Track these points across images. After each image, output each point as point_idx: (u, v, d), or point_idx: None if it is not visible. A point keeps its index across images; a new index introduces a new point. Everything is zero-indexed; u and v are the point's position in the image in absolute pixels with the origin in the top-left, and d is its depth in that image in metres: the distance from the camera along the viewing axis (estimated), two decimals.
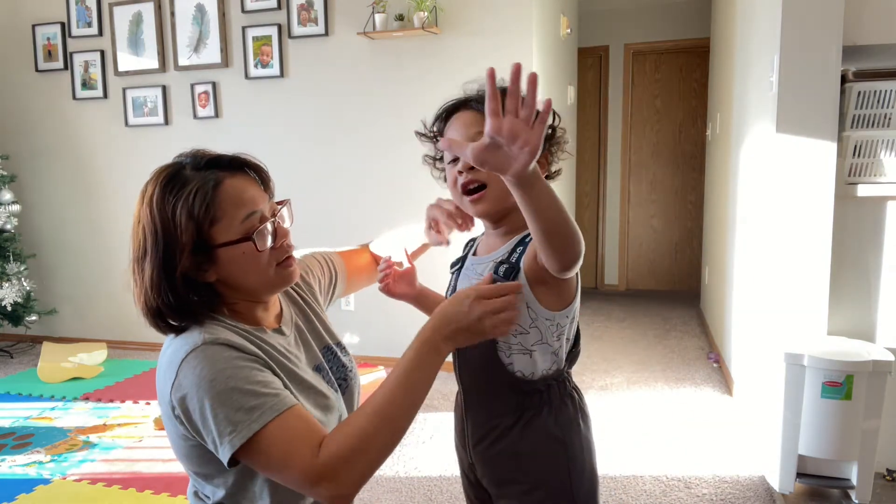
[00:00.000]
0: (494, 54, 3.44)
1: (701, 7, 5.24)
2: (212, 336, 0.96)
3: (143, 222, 0.99)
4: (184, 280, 0.98)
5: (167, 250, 0.96)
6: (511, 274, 1.06)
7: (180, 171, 1.02)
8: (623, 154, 5.69)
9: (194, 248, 0.97)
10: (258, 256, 1.01)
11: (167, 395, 0.96)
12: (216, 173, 1.01)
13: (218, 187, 0.99)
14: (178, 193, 0.98)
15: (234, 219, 1.00)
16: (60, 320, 4.46)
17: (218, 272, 1.01)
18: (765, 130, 2.43)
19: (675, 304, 5.23)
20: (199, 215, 0.97)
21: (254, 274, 1.02)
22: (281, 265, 1.05)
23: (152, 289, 0.98)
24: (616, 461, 2.56)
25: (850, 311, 2.29)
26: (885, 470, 2.29)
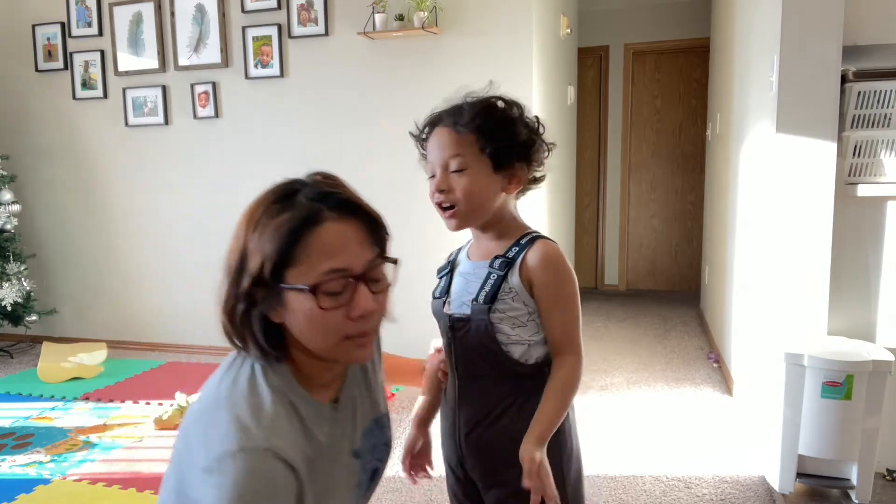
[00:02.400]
0: (494, 54, 3.44)
1: (701, 7, 5.24)
2: (277, 444, 0.83)
3: (238, 235, 0.90)
4: (250, 307, 0.88)
5: (238, 273, 0.88)
6: (506, 266, 1.15)
7: (293, 194, 0.89)
8: (623, 154, 5.69)
9: (258, 282, 0.86)
10: (322, 318, 0.86)
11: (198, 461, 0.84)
12: (322, 211, 0.87)
13: (311, 228, 0.86)
14: (272, 219, 0.87)
15: (315, 269, 0.85)
16: (60, 320, 4.46)
17: (285, 317, 0.89)
18: (765, 130, 2.43)
19: (675, 304, 5.23)
20: (273, 251, 0.85)
21: (316, 335, 0.89)
22: (350, 340, 0.89)
23: (224, 306, 0.90)
24: (616, 461, 2.56)
25: (850, 311, 2.29)
26: (885, 470, 2.29)
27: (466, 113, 1.13)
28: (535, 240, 1.17)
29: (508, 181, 1.15)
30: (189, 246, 4.12)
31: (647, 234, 5.75)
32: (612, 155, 5.73)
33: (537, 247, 1.15)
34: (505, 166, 1.13)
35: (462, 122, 1.13)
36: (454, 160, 1.13)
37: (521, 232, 1.19)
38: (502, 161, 1.13)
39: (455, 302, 1.21)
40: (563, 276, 1.15)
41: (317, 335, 0.88)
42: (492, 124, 1.13)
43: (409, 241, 3.65)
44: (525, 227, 1.21)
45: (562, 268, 1.15)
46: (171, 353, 4.19)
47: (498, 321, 1.15)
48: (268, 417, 0.85)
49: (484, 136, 1.12)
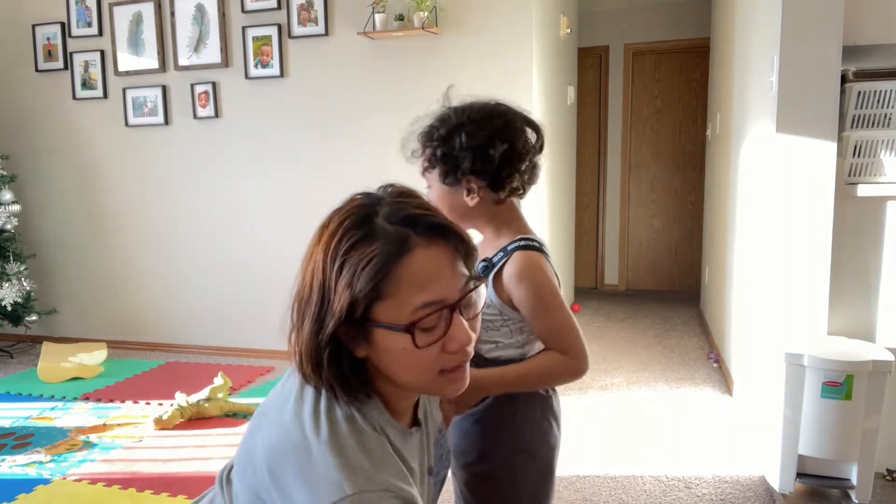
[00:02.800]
0: (494, 54, 3.44)
1: (701, 7, 5.24)
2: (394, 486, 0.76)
3: (314, 266, 0.81)
4: (336, 347, 0.81)
5: (321, 310, 0.79)
6: (486, 271, 1.18)
7: (371, 217, 0.80)
8: (623, 154, 5.69)
9: (346, 318, 0.78)
10: (417, 356, 0.80)
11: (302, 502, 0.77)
12: (410, 237, 0.79)
13: (401, 259, 0.78)
14: (354, 250, 0.78)
15: (407, 304, 0.78)
16: (60, 320, 4.46)
17: (371, 353, 0.82)
18: (765, 130, 2.43)
19: (675, 304, 5.23)
20: (360, 289, 0.77)
21: (410, 375, 0.82)
22: (447, 373, 0.83)
23: (306, 346, 0.81)
24: (616, 461, 2.56)
25: (850, 311, 2.29)
26: (885, 470, 2.29)
27: (423, 131, 1.19)
28: (516, 250, 1.16)
29: (466, 192, 1.16)
30: (189, 246, 4.12)
31: (647, 234, 5.75)
32: (612, 155, 5.73)
33: (512, 260, 1.15)
34: (451, 179, 1.15)
35: (420, 139, 1.18)
36: (424, 174, 1.21)
37: (516, 235, 1.19)
38: (446, 173, 1.15)
39: None
40: (537, 286, 1.14)
41: (410, 373, 0.82)
42: (434, 137, 1.16)
43: None
44: (520, 230, 1.20)
45: (535, 279, 1.15)
46: (171, 353, 4.19)
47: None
48: (377, 456, 0.78)
49: (427, 149, 1.17)
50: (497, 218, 1.20)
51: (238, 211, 3.94)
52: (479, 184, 1.15)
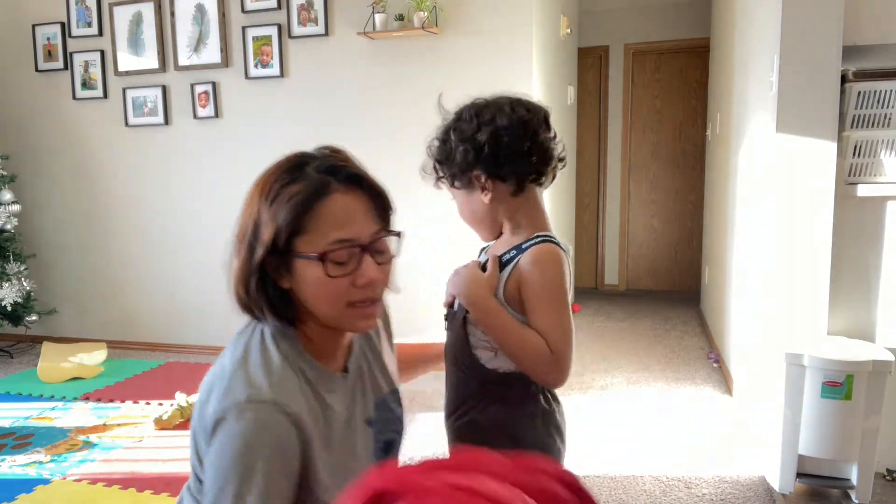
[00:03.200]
0: (494, 54, 3.44)
1: (701, 7, 5.24)
2: (281, 399, 0.88)
3: (249, 206, 0.95)
4: (263, 276, 0.93)
5: (252, 242, 0.93)
6: (502, 266, 1.15)
7: (303, 165, 0.94)
8: (623, 154, 5.69)
9: (272, 249, 0.91)
10: (330, 284, 0.91)
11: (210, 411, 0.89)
12: (331, 183, 0.92)
13: (321, 199, 0.91)
14: (284, 190, 0.91)
15: (323, 238, 0.90)
16: (60, 320, 4.46)
17: (293, 283, 0.93)
18: (765, 130, 2.43)
19: (675, 304, 5.23)
20: (285, 220, 0.90)
21: (323, 304, 0.93)
22: (354, 307, 0.94)
23: (237, 276, 0.94)
24: (616, 461, 2.56)
25: (850, 311, 2.29)
26: (885, 470, 2.29)
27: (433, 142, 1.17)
28: (533, 246, 1.12)
29: (481, 190, 1.13)
30: (189, 246, 4.12)
31: (647, 234, 5.75)
32: (612, 155, 5.73)
33: (533, 250, 1.11)
34: (459, 181, 1.14)
35: (427, 153, 1.17)
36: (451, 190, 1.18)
37: (533, 232, 1.14)
38: (452, 176, 1.14)
39: None
40: (549, 277, 1.10)
41: (323, 302, 0.93)
42: (437, 146, 1.15)
43: (410, 243, 3.65)
44: (538, 228, 1.15)
45: (548, 267, 1.10)
46: (171, 353, 4.19)
47: (473, 321, 1.16)
48: (276, 376, 0.90)
49: (435, 160, 1.16)
50: (517, 213, 1.15)
51: (237, 210, 3.92)
52: (483, 175, 1.11)
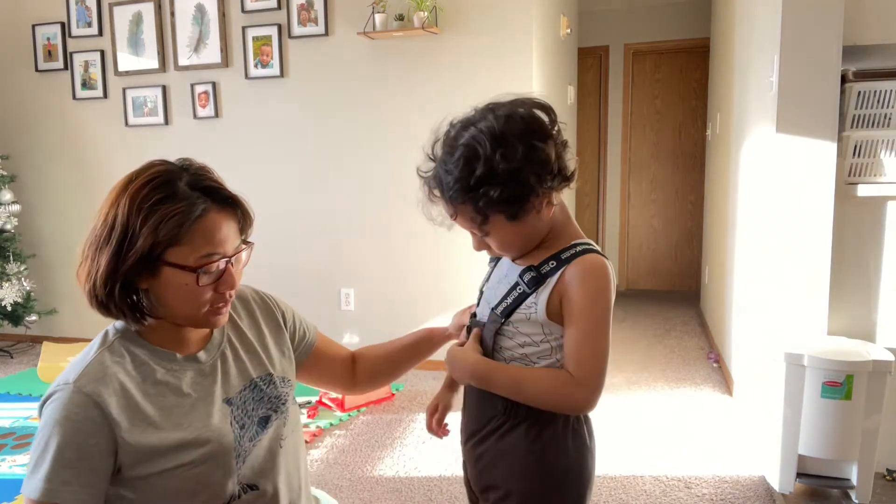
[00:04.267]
0: (494, 54, 3.44)
1: (701, 7, 5.24)
2: (87, 384, 1.00)
3: (118, 211, 1.00)
4: (121, 279, 1.01)
5: (121, 248, 0.99)
6: (535, 284, 1.04)
7: (175, 180, 1.01)
8: (623, 154, 5.69)
9: (142, 258, 0.99)
10: (196, 292, 1.02)
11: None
12: (206, 203, 1.01)
13: (199, 218, 1.00)
14: (160, 205, 0.98)
15: (196, 251, 1.00)
16: (60, 320, 4.46)
17: (153, 285, 1.02)
18: (765, 130, 2.43)
19: (675, 304, 5.23)
20: (163, 235, 0.98)
21: (185, 306, 1.04)
22: (213, 310, 1.06)
23: (101, 279, 1.00)
24: (616, 461, 2.56)
25: (850, 311, 2.29)
26: (885, 470, 2.29)
27: (449, 182, 0.98)
28: (579, 255, 1.02)
29: (536, 213, 1.00)
30: None
31: (647, 234, 5.75)
32: (612, 155, 5.73)
33: (580, 261, 1.01)
34: (519, 213, 0.98)
35: (451, 195, 0.99)
36: (473, 233, 1.05)
37: (568, 241, 1.05)
38: (514, 213, 0.98)
39: (483, 301, 1.15)
40: (597, 293, 1.00)
41: (187, 306, 1.04)
42: (477, 191, 0.96)
43: (409, 243, 3.65)
44: (574, 235, 1.06)
45: (596, 283, 1.01)
46: None
47: (509, 336, 1.07)
48: (85, 363, 1.02)
49: (476, 208, 0.98)
50: (556, 220, 1.06)
51: None
52: (549, 192, 0.99)
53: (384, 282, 3.76)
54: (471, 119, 1.00)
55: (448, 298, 3.55)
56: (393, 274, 3.72)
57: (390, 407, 3.16)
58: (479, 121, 0.98)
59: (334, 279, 3.85)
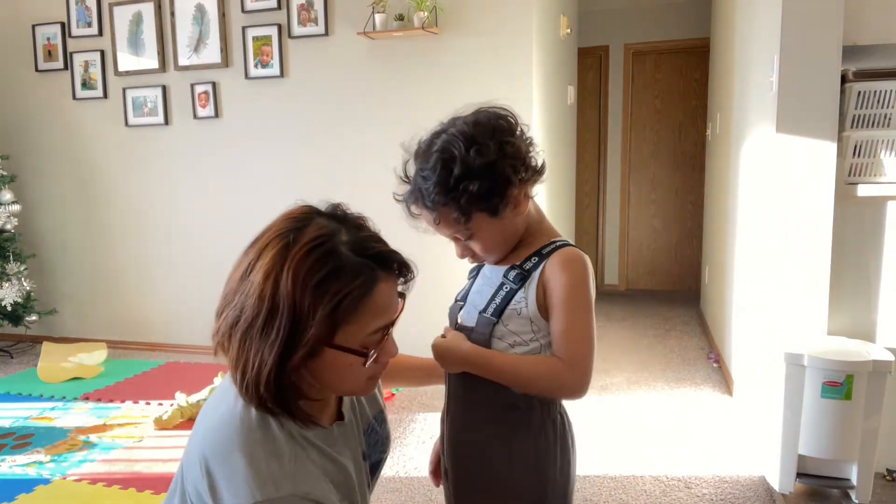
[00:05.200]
0: (494, 54, 3.44)
1: (701, 7, 5.24)
2: (304, 489, 0.84)
3: (282, 289, 0.82)
4: (287, 371, 0.85)
5: (290, 337, 0.82)
6: (521, 280, 1.06)
7: (338, 247, 0.85)
8: (623, 154, 5.69)
9: (314, 346, 0.83)
10: (360, 370, 0.89)
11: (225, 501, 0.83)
12: (375, 272, 0.86)
13: (370, 293, 0.85)
14: (332, 284, 0.82)
15: (366, 328, 0.86)
16: (60, 320, 4.46)
17: (310, 365, 0.86)
18: (765, 130, 2.43)
19: (675, 304, 5.23)
20: (340, 318, 0.83)
21: (346, 384, 0.91)
22: (371, 378, 0.93)
23: (270, 375, 0.83)
24: (616, 461, 2.56)
25: (850, 311, 2.29)
26: (885, 470, 2.29)
27: (428, 188, 1.01)
28: (558, 248, 1.07)
29: (514, 207, 1.04)
30: (189, 246, 4.12)
31: (647, 234, 5.75)
32: (612, 155, 5.73)
33: (559, 253, 1.06)
34: (499, 207, 1.02)
35: (432, 199, 1.01)
36: (455, 238, 1.08)
37: (547, 239, 1.09)
38: (494, 206, 1.01)
39: (467, 307, 1.15)
40: (577, 282, 1.04)
41: (347, 384, 0.91)
42: (458, 190, 0.99)
43: (409, 242, 3.65)
44: (551, 234, 1.11)
45: (579, 275, 1.04)
46: (171, 353, 4.19)
47: (500, 336, 1.07)
48: (289, 462, 0.85)
49: (458, 206, 1.01)
50: (532, 220, 1.10)
51: (238, 210, 3.93)
52: (524, 184, 1.03)
53: None
54: (439, 130, 1.05)
55: (448, 297, 3.55)
56: None
57: (390, 407, 3.16)
58: (447, 129, 1.03)
59: None
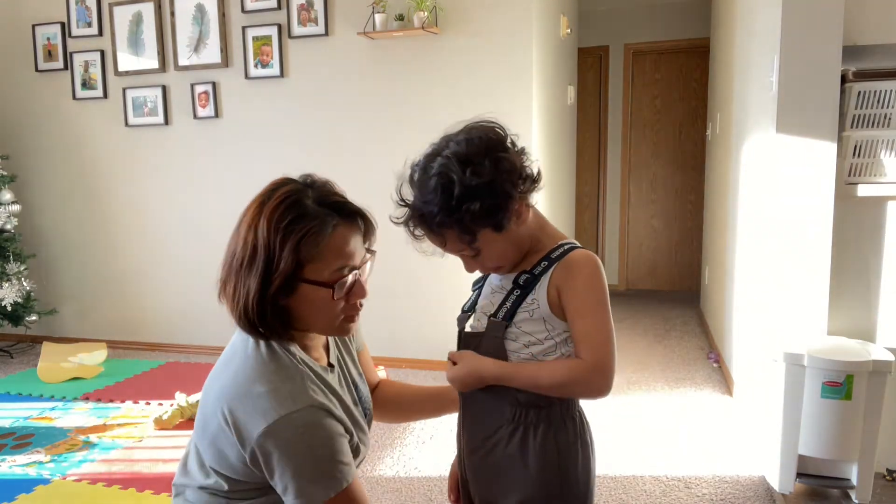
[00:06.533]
0: (494, 54, 3.44)
1: (701, 7, 5.24)
2: (315, 399, 1.04)
3: (258, 234, 1.04)
4: (270, 300, 1.05)
5: (266, 270, 1.03)
6: (531, 283, 1.08)
7: (304, 199, 1.06)
8: (623, 154, 5.69)
9: (287, 277, 1.03)
10: (331, 304, 1.07)
11: (250, 432, 1.01)
12: (335, 218, 1.06)
13: (331, 234, 1.05)
14: (295, 224, 1.03)
15: (330, 265, 1.05)
16: (60, 320, 4.46)
17: (290, 302, 1.07)
18: (765, 130, 2.43)
19: (675, 304, 5.23)
20: (304, 255, 1.03)
21: (322, 318, 1.10)
22: (347, 318, 1.12)
23: (254, 301, 1.04)
24: (616, 461, 2.56)
25: (850, 311, 2.29)
26: (885, 470, 2.29)
27: (433, 211, 1.02)
28: (567, 252, 1.09)
29: (516, 218, 1.05)
30: (189, 246, 4.12)
31: (647, 234, 5.75)
32: (612, 155, 5.73)
33: (570, 256, 1.08)
34: (503, 221, 1.03)
35: (435, 224, 1.03)
36: (462, 254, 1.09)
37: (554, 243, 1.11)
38: (498, 222, 1.03)
39: (476, 315, 1.16)
40: (593, 281, 1.06)
41: (323, 318, 1.09)
42: (460, 211, 1.00)
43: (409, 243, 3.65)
44: (557, 237, 1.12)
45: (593, 275, 1.07)
46: (171, 353, 4.19)
47: (513, 338, 1.08)
48: (300, 381, 1.05)
49: (463, 227, 1.02)
50: (535, 228, 1.11)
51: (238, 210, 3.92)
52: (524, 195, 1.05)
53: (384, 282, 3.76)
54: (433, 152, 1.06)
55: (449, 299, 3.55)
56: (393, 274, 3.72)
57: None
58: (441, 150, 1.04)
59: None
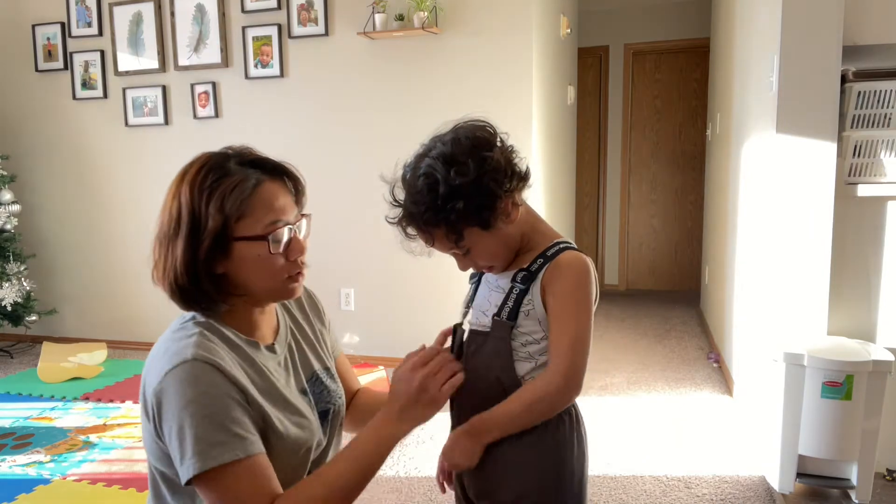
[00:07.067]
0: (494, 54, 3.44)
1: (701, 7, 5.24)
2: (204, 354, 0.98)
3: (181, 201, 1.02)
4: (202, 266, 1.02)
5: (193, 233, 1.00)
6: (528, 281, 1.08)
7: (225, 162, 1.05)
8: (623, 154, 5.69)
9: (215, 238, 1.00)
10: (270, 260, 1.04)
11: (149, 394, 0.99)
12: (258, 174, 1.05)
13: (256, 188, 1.03)
14: (218, 183, 1.01)
15: (260, 220, 1.03)
16: (60, 320, 4.46)
17: (227, 266, 1.04)
18: (765, 130, 2.43)
19: (675, 304, 5.23)
20: (230, 209, 1.01)
21: (262, 278, 1.05)
22: (290, 278, 1.08)
23: (181, 268, 1.01)
24: (616, 461, 2.56)
25: (850, 311, 2.29)
26: (885, 470, 2.29)
27: (421, 210, 1.04)
28: (561, 251, 1.09)
29: (505, 217, 1.05)
30: None
31: (647, 234, 5.75)
32: (612, 155, 5.73)
33: (559, 258, 1.07)
34: (490, 220, 1.04)
35: (423, 223, 1.05)
36: (453, 253, 1.09)
37: (550, 241, 1.11)
38: (485, 220, 1.03)
39: (475, 312, 1.16)
40: (575, 285, 1.06)
41: (264, 278, 1.05)
42: (446, 210, 1.02)
43: None
44: (552, 236, 1.13)
45: (580, 278, 1.06)
46: None
47: (513, 337, 1.09)
48: (195, 342, 1.00)
49: (450, 226, 1.03)
50: (529, 227, 1.11)
51: None
52: (511, 193, 1.05)
53: (384, 282, 3.76)
54: (422, 153, 1.08)
55: (448, 298, 3.55)
56: (393, 274, 3.72)
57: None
58: (429, 151, 1.06)
59: (334, 279, 3.85)
